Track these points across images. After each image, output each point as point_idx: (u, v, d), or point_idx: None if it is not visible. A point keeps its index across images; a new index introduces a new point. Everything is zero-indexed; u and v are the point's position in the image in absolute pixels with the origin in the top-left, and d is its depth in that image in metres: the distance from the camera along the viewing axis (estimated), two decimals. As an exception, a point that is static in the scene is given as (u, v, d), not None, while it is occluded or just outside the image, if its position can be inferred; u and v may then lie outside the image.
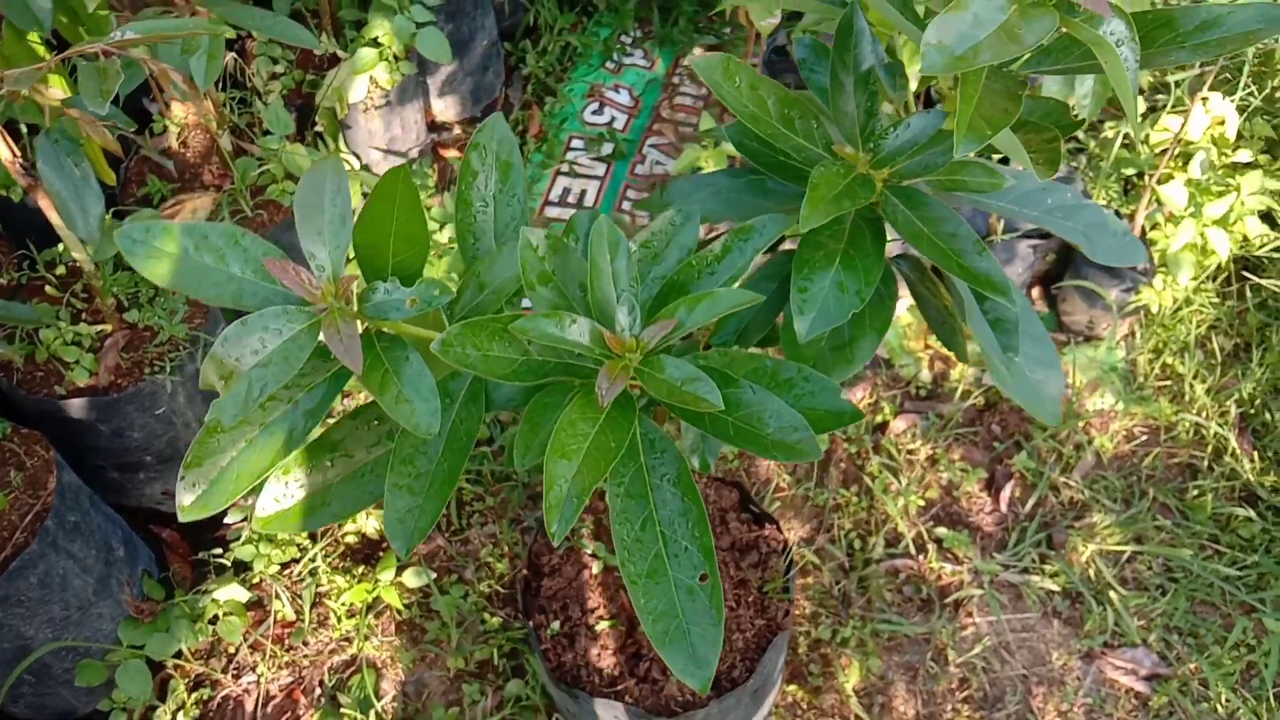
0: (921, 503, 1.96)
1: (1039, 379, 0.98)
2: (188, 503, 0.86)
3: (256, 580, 1.91)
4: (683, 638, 0.75)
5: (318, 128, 2.10)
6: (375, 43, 2.08)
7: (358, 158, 2.23)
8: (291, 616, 1.89)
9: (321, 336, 0.83)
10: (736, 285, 0.86)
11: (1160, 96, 2.35)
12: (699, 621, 0.75)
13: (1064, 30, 0.77)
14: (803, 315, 0.83)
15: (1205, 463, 1.99)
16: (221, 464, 0.87)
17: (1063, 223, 1.01)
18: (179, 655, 1.81)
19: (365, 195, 2.15)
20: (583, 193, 2.48)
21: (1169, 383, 2.09)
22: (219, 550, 1.92)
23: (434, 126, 2.57)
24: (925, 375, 2.14)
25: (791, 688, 1.77)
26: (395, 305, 0.85)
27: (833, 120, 0.92)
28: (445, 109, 2.56)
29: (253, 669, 1.85)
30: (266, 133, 1.95)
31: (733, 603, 1.45)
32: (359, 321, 0.85)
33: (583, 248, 0.95)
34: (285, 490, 0.94)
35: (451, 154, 2.54)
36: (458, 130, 2.58)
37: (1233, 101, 2.15)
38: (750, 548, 1.50)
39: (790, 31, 2.06)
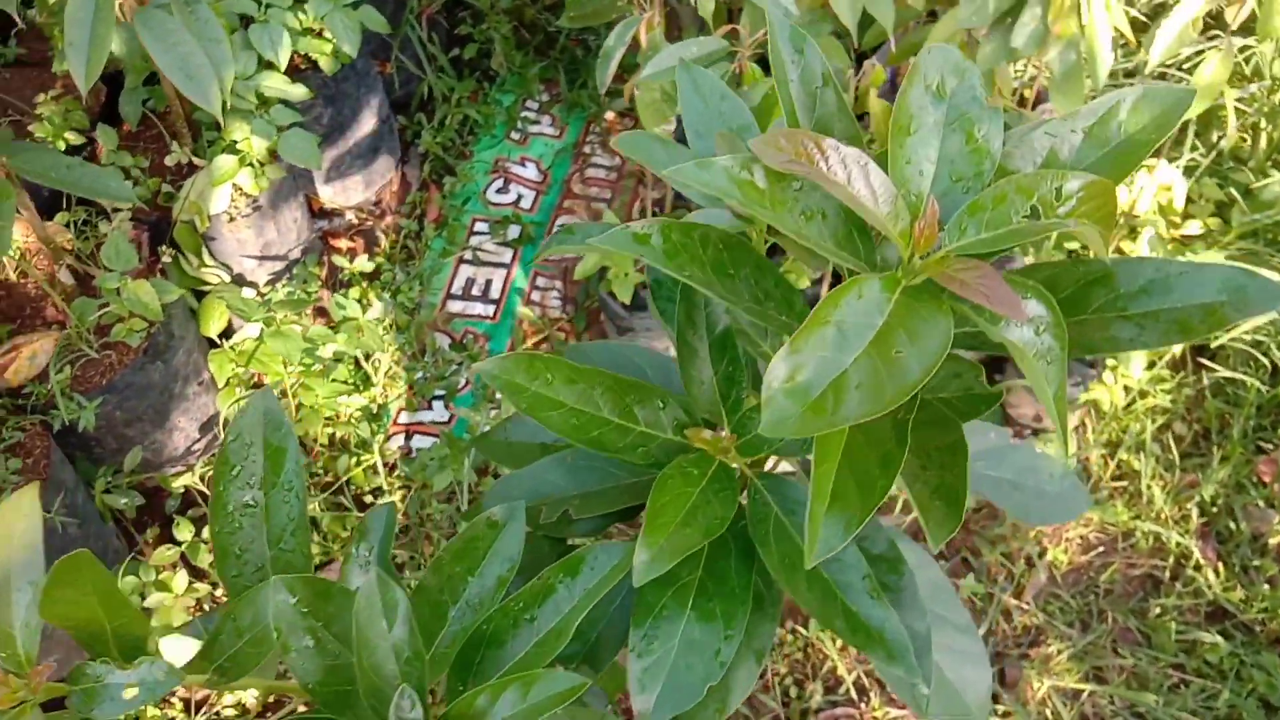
0: (862, 638, 1.78)
1: (964, 680, 0.79)
2: None
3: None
4: None
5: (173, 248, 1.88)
6: (235, 148, 1.86)
7: (228, 269, 2.01)
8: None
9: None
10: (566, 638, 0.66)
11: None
12: None
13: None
14: (644, 692, 0.63)
15: (1167, 574, 1.83)
16: None
17: (986, 473, 0.83)
18: None
19: (235, 314, 1.94)
20: (488, 283, 2.27)
21: (1125, 483, 1.93)
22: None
23: (323, 213, 2.35)
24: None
25: None
26: (111, 694, 0.65)
27: (684, 392, 0.73)
28: (335, 195, 2.34)
29: None
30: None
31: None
32: None
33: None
34: None
35: (343, 244, 2.32)
36: (350, 217, 2.36)
37: (1178, 166, 1.99)
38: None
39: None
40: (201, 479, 1.88)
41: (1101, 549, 1.87)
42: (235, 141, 1.86)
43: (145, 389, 1.78)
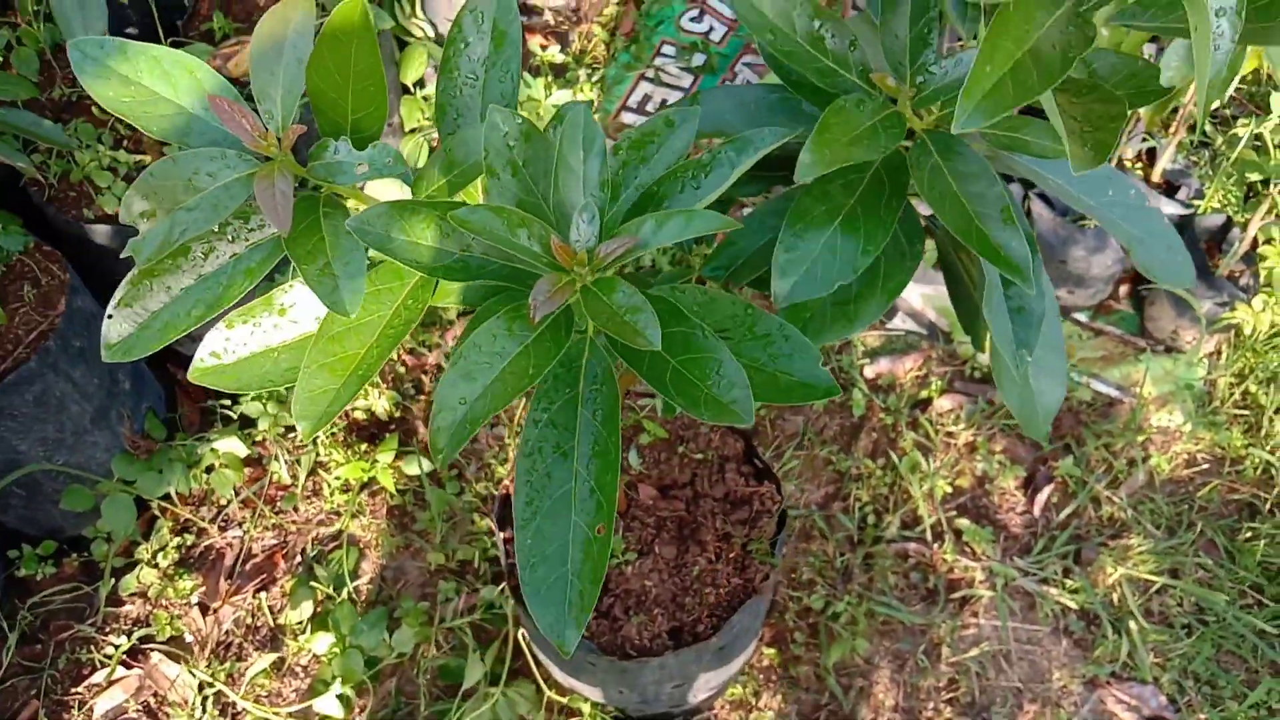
0: (949, 489, 1.84)
1: (1040, 388, 0.86)
2: (113, 340, 0.80)
3: (260, 438, 1.88)
4: (562, 590, 0.66)
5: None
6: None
7: (434, 27, 2.14)
8: (287, 480, 1.87)
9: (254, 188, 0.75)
10: (718, 201, 0.75)
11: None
12: (584, 577, 0.66)
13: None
14: (784, 278, 0.72)
15: (1267, 505, 1.83)
16: (151, 308, 0.81)
17: (1117, 221, 0.87)
18: (168, 498, 1.80)
19: (435, 63, 2.06)
20: (664, 102, 2.35)
21: (1247, 412, 1.92)
22: (228, 401, 1.90)
23: (524, 9, 2.46)
24: (984, 358, 1.99)
25: (771, 651, 1.69)
26: (345, 169, 0.77)
27: (877, 43, 0.80)
28: (540, -8, 2.45)
29: (239, 525, 1.84)
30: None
31: (712, 555, 1.36)
32: (308, 180, 0.77)
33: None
34: (225, 345, 0.87)
35: (536, 40, 2.43)
36: (548, 17, 2.47)
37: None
38: (743, 502, 1.40)
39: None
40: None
41: (1206, 467, 1.88)
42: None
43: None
